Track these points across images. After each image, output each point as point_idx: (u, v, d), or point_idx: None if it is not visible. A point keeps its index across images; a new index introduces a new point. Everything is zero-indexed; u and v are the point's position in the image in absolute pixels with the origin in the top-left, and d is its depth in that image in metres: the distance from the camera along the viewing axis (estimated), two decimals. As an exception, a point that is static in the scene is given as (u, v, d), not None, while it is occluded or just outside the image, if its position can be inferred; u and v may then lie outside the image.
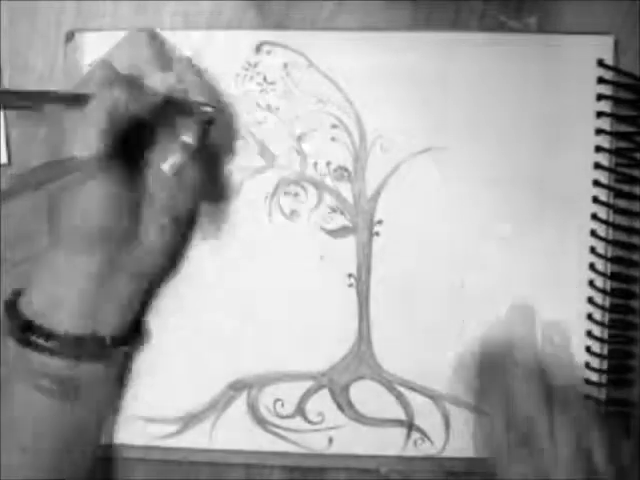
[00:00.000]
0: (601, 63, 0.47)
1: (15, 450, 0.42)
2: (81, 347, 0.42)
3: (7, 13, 0.48)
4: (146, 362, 0.48)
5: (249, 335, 0.48)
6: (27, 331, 0.42)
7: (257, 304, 0.48)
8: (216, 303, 0.48)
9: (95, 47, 0.47)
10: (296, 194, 0.48)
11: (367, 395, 0.48)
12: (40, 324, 0.42)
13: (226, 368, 0.48)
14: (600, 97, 0.47)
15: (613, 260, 0.48)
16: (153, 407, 0.48)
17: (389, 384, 0.48)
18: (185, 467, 0.49)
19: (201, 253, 0.48)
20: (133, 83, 0.42)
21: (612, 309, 0.48)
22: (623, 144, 0.48)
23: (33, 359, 0.42)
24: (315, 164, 0.48)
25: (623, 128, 0.48)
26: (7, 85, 0.49)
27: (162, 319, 0.48)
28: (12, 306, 0.43)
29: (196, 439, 0.49)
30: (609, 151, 0.47)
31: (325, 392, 0.49)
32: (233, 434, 0.49)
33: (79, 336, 0.42)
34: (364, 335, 0.48)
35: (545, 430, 0.42)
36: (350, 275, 0.48)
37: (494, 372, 0.46)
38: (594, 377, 0.48)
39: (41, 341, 0.42)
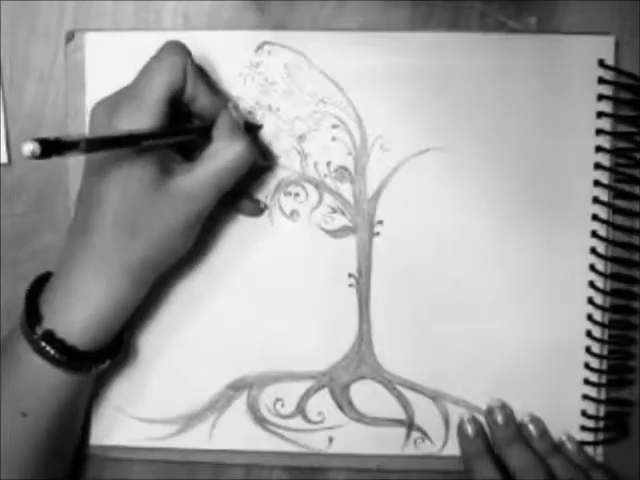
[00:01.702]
0: (602, 63, 0.47)
1: (16, 414, 0.42)
2: (84, 362, 0.43)
3: (7, 13, 0.48)
4: (146, 363, 0.48)
5: (249, 335, 0.48)
6: (45, 340, 0.42)
7: (257, 304, 0.48)
8: (216, 303, 0.48)
9: (95, 47, 0.47)
10: (296, 194, 0.48)
11: (367, 395, 0.49)
12: (60, 339, 0.42)
13: (226, 368, 0.49)
14: (601, 97, 0.47)
15: (613, 260, 0.48)
16: (153, 408, 0.48)
17: (389, 384, 0.48)
18: (185, 467, 0.49)
19: (201, 252, 0.48)
20: (198, 69, 0.43)
21: (612, 309, 0.48)
22: (623, 144, 0.48)
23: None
24: (316, 164, 0.48)
25: (623, 128, 0.48)
26: (7, 85, 0.49)
27: (162, 320, 0.48)
28: (33, 299, 0.43)
29: (196, 439, 0.49)
30: (609, 151, 0.47)
31: (325, 392, 0.49)
32: (233, 434, 0.49)
33: (86, 352, 0.42)
34: (364, 335, 0.48)
35: None
36: (350, 275, 0.48)
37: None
38: (594, 377, 0.48)
39: (53, 353, 0.41)
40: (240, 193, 0.47)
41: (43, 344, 0.41)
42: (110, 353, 0.44)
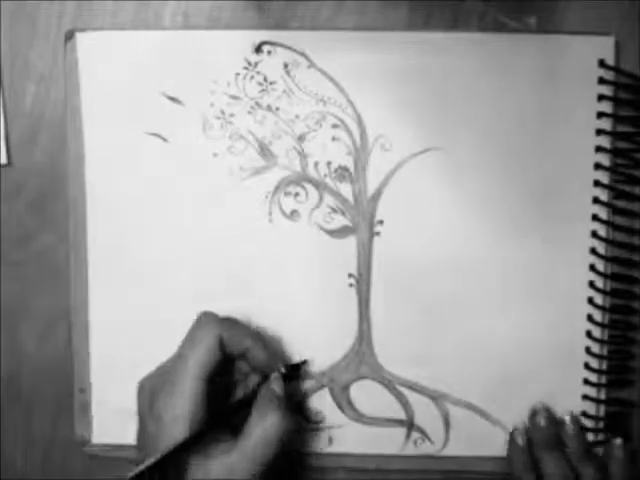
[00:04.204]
0: (602, 63, 0.47)
1: None
2: None
3: (7, 13, 0.48)
4: (148, 361, 0.48)
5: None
6: None
7: (257, 304, 0.48)
8: (216, 303, 0.48)
9: (95, 47, 0.47)
10: (296, 194, 0.48)
11: (367, 395, 0.49)
12: None
13: (226, 368, 0.49)
14: (601, 97, 0.47)
15: (613, 260, 0.48)
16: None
17: (389, 384, 0.48)
18: (185, 467, 0.49)
19: (201, 252, 0.48)
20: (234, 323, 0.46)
21: (612, 310, 0.48)
22: (623, 144, 0.48)
23: None
24: (316, 164, 0.48)
25: (623, 128, 0.48)
26: (7, 85, 0.49)
27: (163, 319, 0.48)
28: None
29: (196, 439, 0.49)
30: (609, 151, 0.47)
31: (325, 392, 0.49)
32: (233, 434, 0.49)
33: None
34: (364, 335, 0.48)
35: None
36: (350, 275, 0.48)
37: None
38: (593, 378, 0.48)
39: None
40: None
41: None
42: None
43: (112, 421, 0.49)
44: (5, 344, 0.49)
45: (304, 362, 0.48)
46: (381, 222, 0.48)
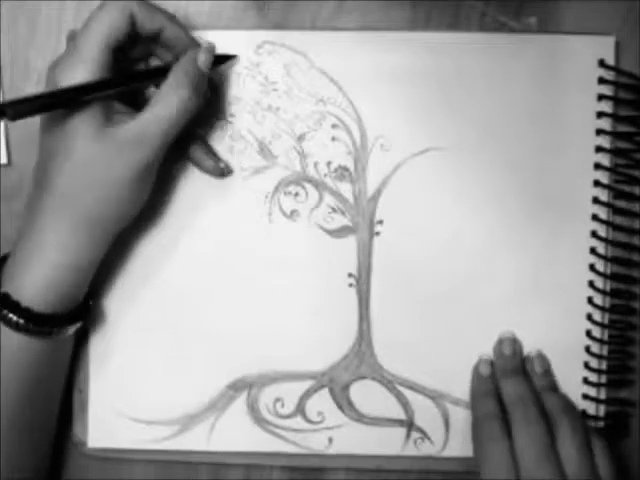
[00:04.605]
0: (602, 63, 0.47)
1: None
2: (43, 325, 0.42)
3: (7, 13, 0.48)
4: (146, 363, 0.48)
5: (249, 335, 0.48)
6: (2, 304, 0.41)
7: (257, 304, 0.48)
8: (216, 303, 0.48)
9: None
10: (296, 194, 0.48)
11: (367, 395, 0.49)
12: (15, 301, 0.41)
13: (226, 368, 0.48)
14: (601, 97, 0.47)
15: (613, 261, 0.48)
16: (153, 408, 0.48)
17: (389, 384, 0.48)
18: (185, 468, 0.49)
19: (201, 252, 0.48)
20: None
21: (612, 310, 0.48)
22: (623, 144, 0.48)
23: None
24: (315, 164, 0.48)
25: (623, 128, 0.48)
26: (7, 86, 0.49)
27: (161, 320, 0.48)
28: None
29: (196, 439, 0.48)
30: (609, 151, 0.47)
31: (325, 392, 0.49)
32: (233, 434, 0.49)
33: (43, 315, 0.42)
34: (364, 335, 0.48)
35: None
36: (350, 275, 0.48)
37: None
38: (593, 377, 0.48)
39: (10, 316, 0.41)
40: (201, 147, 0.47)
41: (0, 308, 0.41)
42: (72, 318, 0.44)
43: (109, 422, 0.49)
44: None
45: (233, 56, 0.47)
46: (381, 222, 0.48)
